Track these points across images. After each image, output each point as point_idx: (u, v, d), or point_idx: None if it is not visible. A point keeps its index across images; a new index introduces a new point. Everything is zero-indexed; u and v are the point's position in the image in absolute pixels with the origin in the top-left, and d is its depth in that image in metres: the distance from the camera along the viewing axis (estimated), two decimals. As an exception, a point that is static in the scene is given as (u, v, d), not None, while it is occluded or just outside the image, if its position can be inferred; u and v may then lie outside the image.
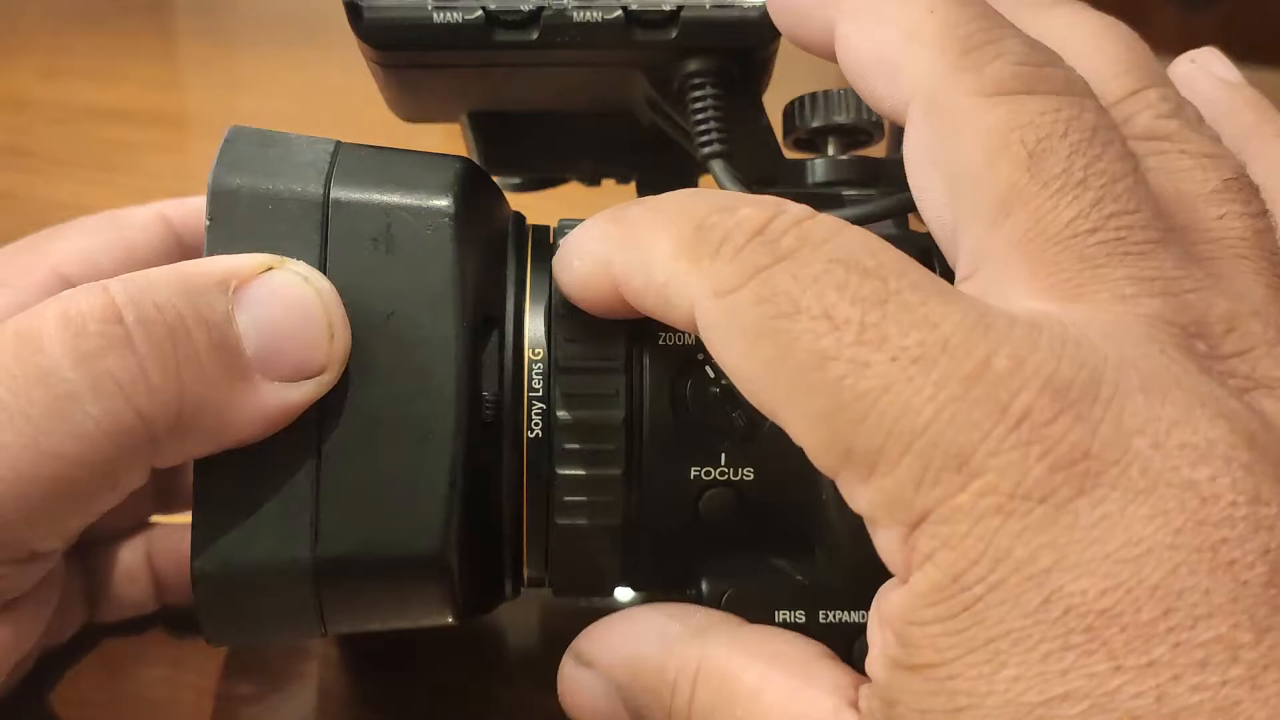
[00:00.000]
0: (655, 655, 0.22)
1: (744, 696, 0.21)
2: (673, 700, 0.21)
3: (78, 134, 0.61)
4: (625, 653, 0.23)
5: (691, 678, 0.21)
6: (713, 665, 0.21)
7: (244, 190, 0.23)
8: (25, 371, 0.21)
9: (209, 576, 0.23)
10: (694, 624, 0.23)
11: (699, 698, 0.21)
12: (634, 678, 0.22)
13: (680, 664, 0.22)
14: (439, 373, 0.23)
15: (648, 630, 0.23)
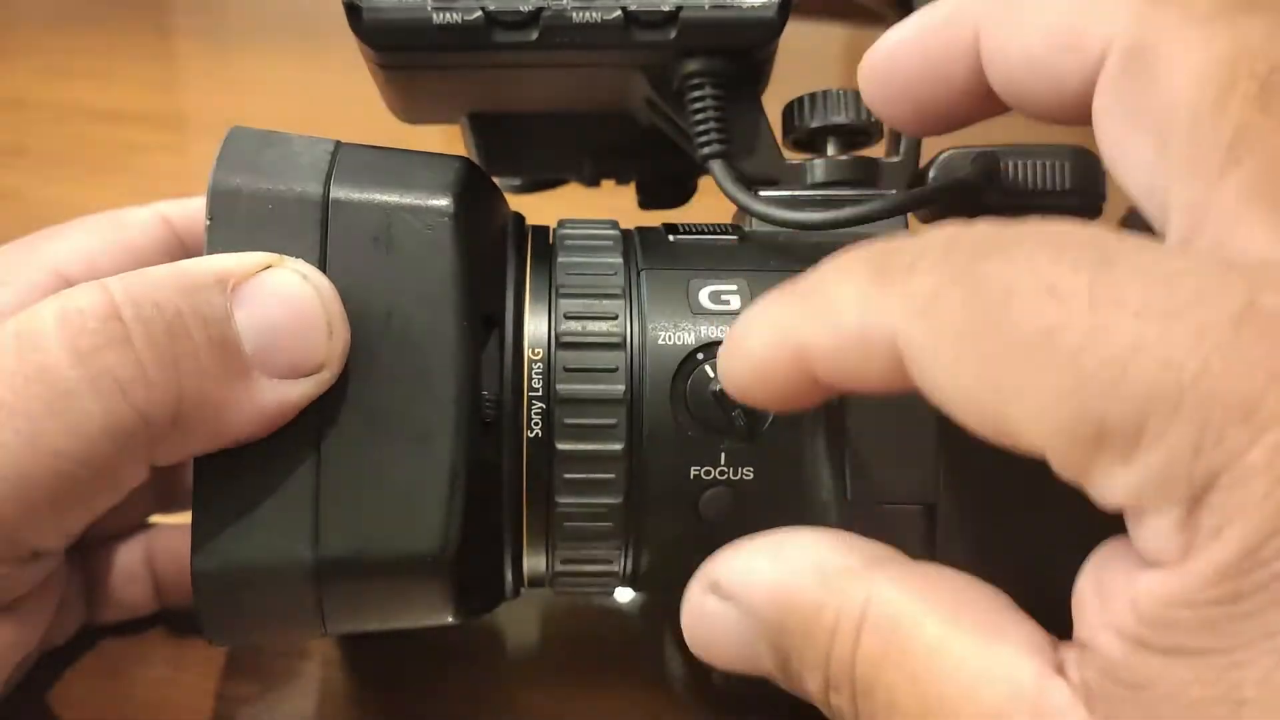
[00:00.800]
0: (811, 592, 0.19)
1: (922, 650, 0.18)
2: (831, 647, 0.19)
3: (77, 134, 0.61)
4: (774, 586, 0.20)
5: (856, 622, 0.19)
6: (883, 609, 0.18)
7: (244, 190, 0.23)
8: (24, 370, 0.21)
9: (209, 576, 0.23)
10: (856, 557, 0.20)
11: (865, 646, 0.18)
12: (783, 616, 0.20)
13: (842, 604, 0.19)
14: (439, 372, 0.23)
15: (801, 561, 0.20)
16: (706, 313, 0.25)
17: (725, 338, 0.21)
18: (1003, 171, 0.27)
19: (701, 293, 0.25)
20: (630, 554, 0.26)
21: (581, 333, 0.25)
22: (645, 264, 0.26)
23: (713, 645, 0.21)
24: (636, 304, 0.25)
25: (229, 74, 0.72)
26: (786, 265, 0.26)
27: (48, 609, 0.27)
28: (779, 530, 0.21)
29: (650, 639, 0.33)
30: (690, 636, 0.22)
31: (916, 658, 0.18)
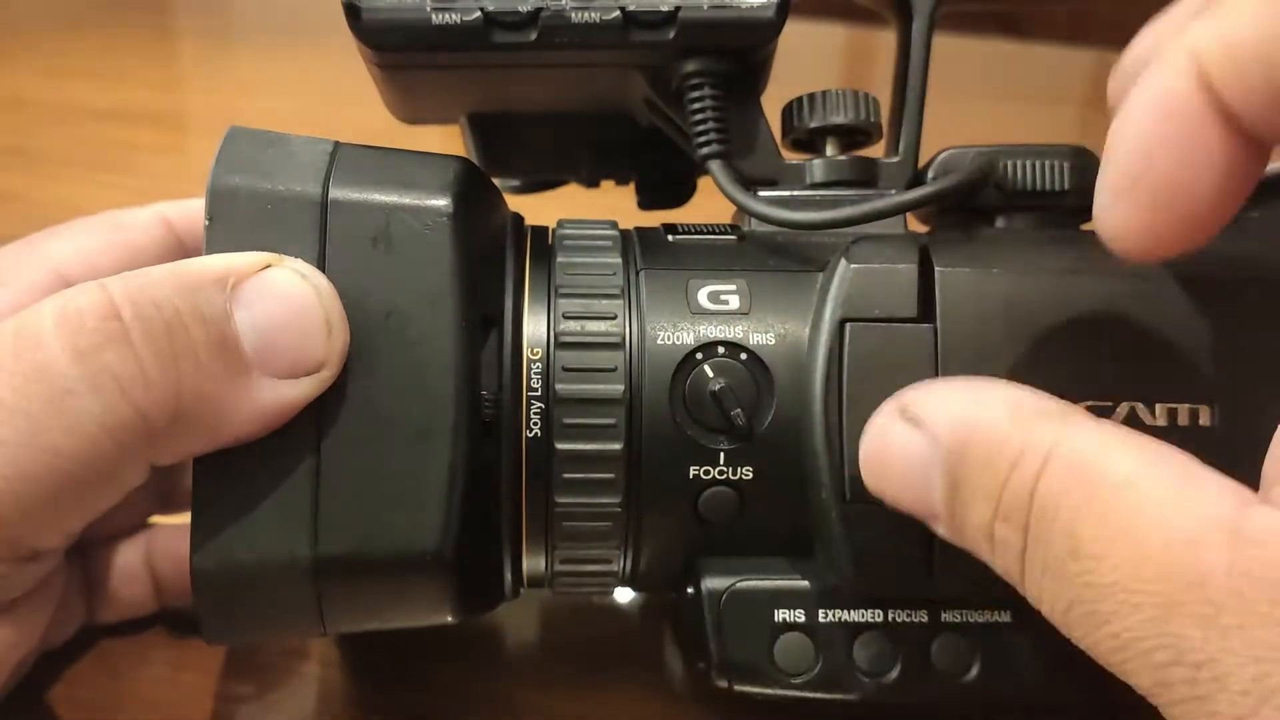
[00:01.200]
0: (1001, 425, 0.19)
1: (1109, 485, 0.18)
2: (1011, 475, 0.19)
3: (78, 134, 0.61)
4: (964, 416, 0.20)
5: (1043, 456, 0.19)
6: (1073, 447, 0.18)
7: (243, 190, 0.23)
8: (23, 369, 0.21)
9: (208, 575, 0.23)
10: (1050, 405, 0.20)
11: (1049, 478, 0.18)
12: (968, 445, 0.20)
13: (1030, 439, 0.19)
14: (437, 371, 0.23)
15: (994, 398, 0.20)
16: (705, 313, 0.25)
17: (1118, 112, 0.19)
18: (1002, 171, 0.27)
19: (700, 293, 0.25)
20: (629, 554, 0.26)
21: (580, 333, 0.25)
22: (644, 264, 0.26)
23: (888, 471, 0.21)
24: (635, 304, 0.25)
25: (229, 74, 0.72)
26: (785, 265, 0.26)
27: (47, 609, 0.27)
28: (973, 377, 0.21)
29: (650, 639, 0.33)
30: (866, 463, 0.22)
31: (1103, 491, 0.18)
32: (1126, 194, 0.19)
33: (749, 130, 0.28)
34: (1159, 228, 0.19)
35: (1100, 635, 0.18)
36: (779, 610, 0.25)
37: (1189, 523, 0.17)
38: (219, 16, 0.81)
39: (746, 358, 0.25)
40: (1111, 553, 0.17)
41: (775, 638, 0.25)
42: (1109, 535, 0.17)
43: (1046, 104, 0.69)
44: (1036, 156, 0.27)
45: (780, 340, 0.25)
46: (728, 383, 0.24)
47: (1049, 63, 0.74)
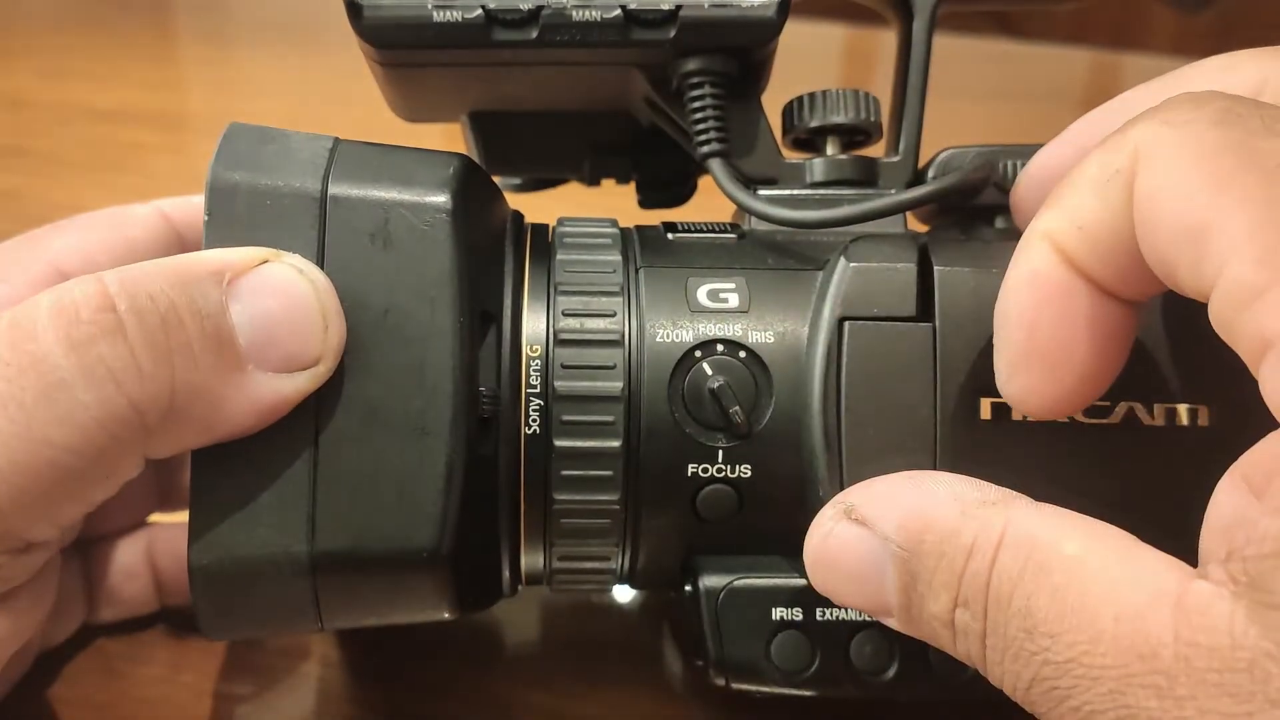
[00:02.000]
0: (950, 519, 0.20)
1: (1061, 564, 0.18)
2: (967, 565, 0.19)
3: (78, 134, 0.61)
4: (913, 513, 0.20)
5: (994, 543, 0.19)
6: (1021, 531, 0.19)
7: (242, 186, 0.23)
8: (18, 359, 0.21)
9: (205, 570, 0.23)
10: (992, 493, 0.20)
11: (1002, 562, 0.19)
12: (920, 541, 0.20)
13: (980, 528, 0.19)
14: (436, 368, 0.23)
15: (939, 492, 0.21)
16: (705, 311, 0.25)
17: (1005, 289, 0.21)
18: (1001, 171, 0.27)
19: (700, 291, 0.25)
20: (628, 551, 0.26)
21: (580, 330, 0.25)
22: (644, 262, 0.26)
23: (836, 571, 0.22)
24: (635, 302, 0.25)
25: (229, 74, 0.72)
26: (785, 263, 0.26)
27: (43, 603, 0.27)
28: (912, 472, 0.22)
29: (649, 637, 0.33)
30: (814, 564, 0.22)
31: (1055, 570, 0.18)
32: (1020, 368, 0.21)
33: (749, 129, 0.28)
34: (1056, 391, 0.21)
35: (1062, 710, 0.18)
36: (776, 608, 0.25)
37: (1137, 596, 0.17)
38: (219, 16, 0.81)
39: (745, 356, 0.25)
40: (1066, 630, 0.18)
41: (773, 636, 0.25)
42: (1062, 612, 0.18)
43: (1046, 104, 0.69)
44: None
45: (779, 339, 0.25)
46: (726, 381, 0.24)
47: (1049, 63, 0.74)
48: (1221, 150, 0.17)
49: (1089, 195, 0.20)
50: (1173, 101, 0.19)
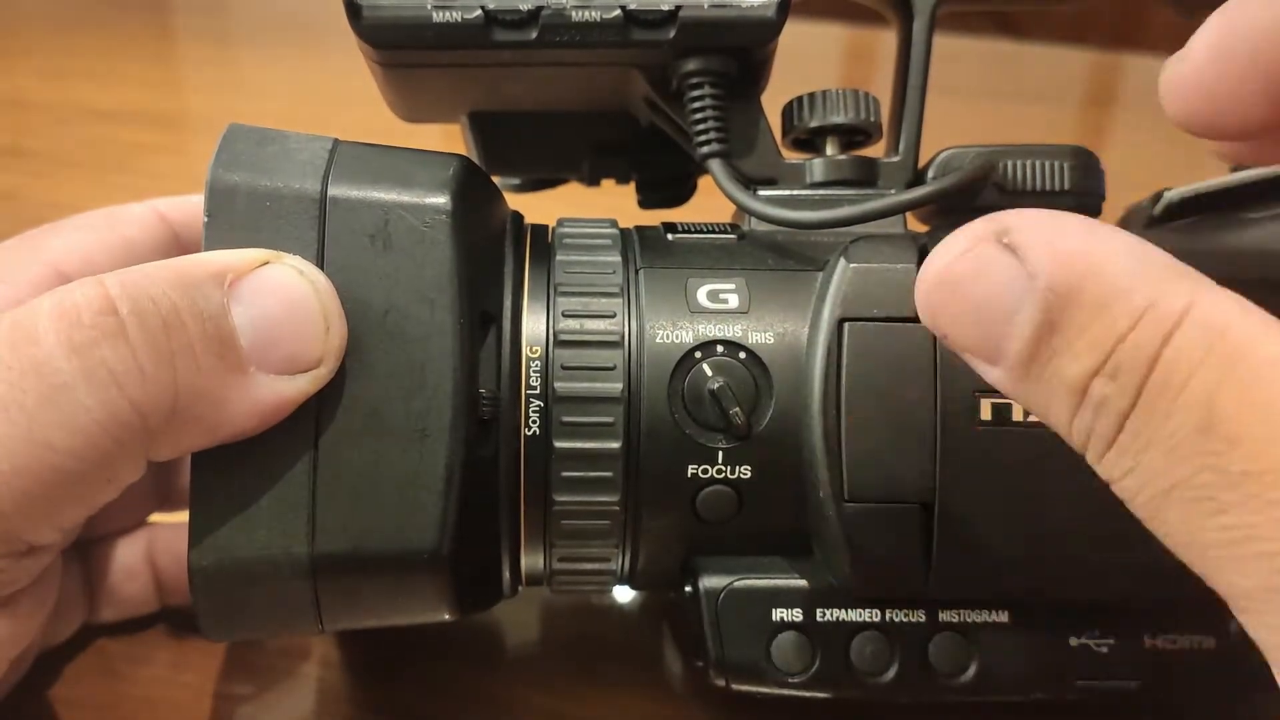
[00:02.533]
0: (1127, 273, 0.17)
1: (1260, 363, 0.16)
2: (1133, 331, 0.16)
3: (78, 134, 0.61)
4: (1081, 254, 0.17)
5: (1174, 317, 0.16)
6: (1212, 312, 0.16)
7: (242, 187, 0.23)
8: (20, 363, 0.21)
9: (206, 571, 0.23)
10: (1182, 265, 0.17)
11: (1183, 341, 0.16)
12: (1079, 288, 0.17)
13: (1161, 296, 0.16)
14: (436, 369, 0.23)
15: (1117, 243, 0.17)
16: (705, 311, 0.25)
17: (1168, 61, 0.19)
18: (1001, 171, 0.27)
19: (700, 291, 0.25)
20: (628, 552, 0.26)
21: (579, 331, 0.25)
22: (644, 263, 0.26)
23: (958, 297, 0.18)
24: (635, 302, 0.25)
25: (229, 74, 0.72)
26: (785, 264, 0.26)
27: (45, 605, 0.27)
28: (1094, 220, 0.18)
29: (649, 638, 0.33)
30: (932, 284, 0.19)
31: (1250, 368, 0.16)
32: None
33: (749, 129, 0.28)
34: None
35: (1209, 525, 0.16)
36: (777, 609, 0.25)
37: None
38: (219, 16, 0.81)
39: (745, 357, 0.25)
40: (1252, 437, 0.15)
41: (773, 637, 0.25)
42: (1253, 418, 0.15)
43: (1046, 104, 0.69)
44: (1036, 156, 0.27)
45: (779, 339, 0.25)
46: (726, 382, 0.24)
47: (1049, 63, 0.74)
48: None
49: None
50: None
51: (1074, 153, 0.27)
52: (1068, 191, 0.27)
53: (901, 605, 0.25)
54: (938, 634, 0.25)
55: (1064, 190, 0.27)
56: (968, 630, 0.25)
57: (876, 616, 0.25)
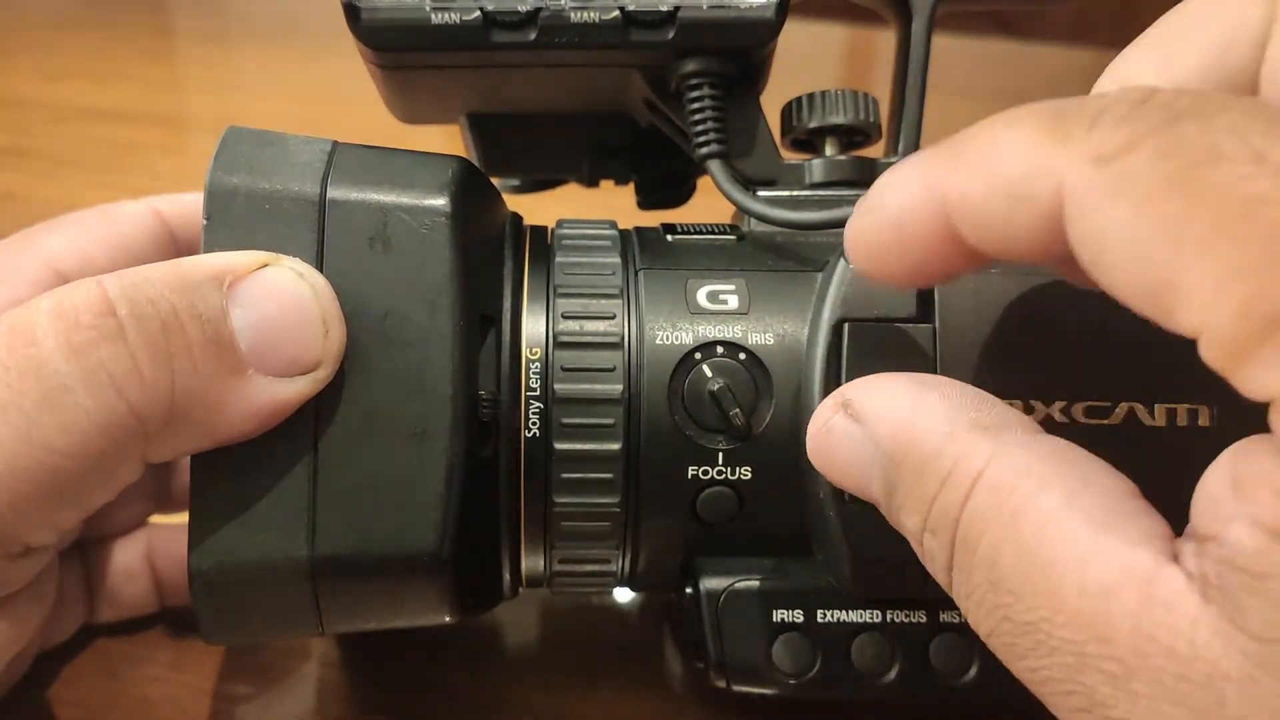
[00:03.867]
0: (937, 436, 0.19)
1: (1034, 519, 0.17)
2: (940, 494, 0.18)
3: (78, 134, 0.61)
4: (903, 422, 0.19)
5: (972, 477, 0.18)
6: (1003, 469, 0.18)
7: (241, 190, 0.23)
8: (18, 364, 0.21)
9: (205, 574, 0.23)
10: (989, 417, 0.19)
11: (975, 502, 0.18)
12: (904, 454, 0.19)
13: (961, 457, 0.18)
14: (435, 371, 0.23)
15: (934, 405, 0.19)
16: (704, 312, 0.25)
17: (857, 204, 0.20)
18: None
19: (699, 292, 0.25)
20: (628, 554, 0.26)
21: (579, 332, 0.25)
22: (643, 264, 0.26)
23: (831, 460, 0.21)
24: (634, 304, 0.25)
25: (229, 74, 0.72)
26: (784, 265, 0.26)
27: (43, 606, 0.27)
28: (923, 374, 0.21)
29: (650, 639, 0.33)
30: (812, 448, 0.21)
31: (1027, 524, 0.17)
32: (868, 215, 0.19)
33: (748, 130, 0.28)
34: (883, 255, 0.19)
35: (1019, 666, 0.18)
36: (777, 610, 0.25)
37: (1105, 571, 0.16)
38: (218, 16, 0.81)
39: (745, 358, 0.25)
40: (1029, 593, 0.17)
41: (774, 638, 0.25)
42: (1028, 573, 0.17)
43: (1046, 104, 0.69)
44: None
45: (779, 340, 0.25)
46: (726, 383, 0.24)
47: (1049, 63, 0.74)
48: (1166, 192, 0.15)
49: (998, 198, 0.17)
50: (1100, 125, 0.16)
51: None
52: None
53: (902, 606, 0.25)
54: (939, 634, 0.25)
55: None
56: (969, 631, 0.25)
57: (877, 617, 0.25)
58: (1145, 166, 0.15)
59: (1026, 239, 0.17)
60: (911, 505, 0.19)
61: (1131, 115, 0.16)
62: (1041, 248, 0.17)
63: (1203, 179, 0.15)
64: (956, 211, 0.18)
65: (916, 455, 0.19)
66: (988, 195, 0.17)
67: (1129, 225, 0.16)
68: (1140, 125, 0.16)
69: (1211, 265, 0.15)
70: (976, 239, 0.18)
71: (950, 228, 0.18)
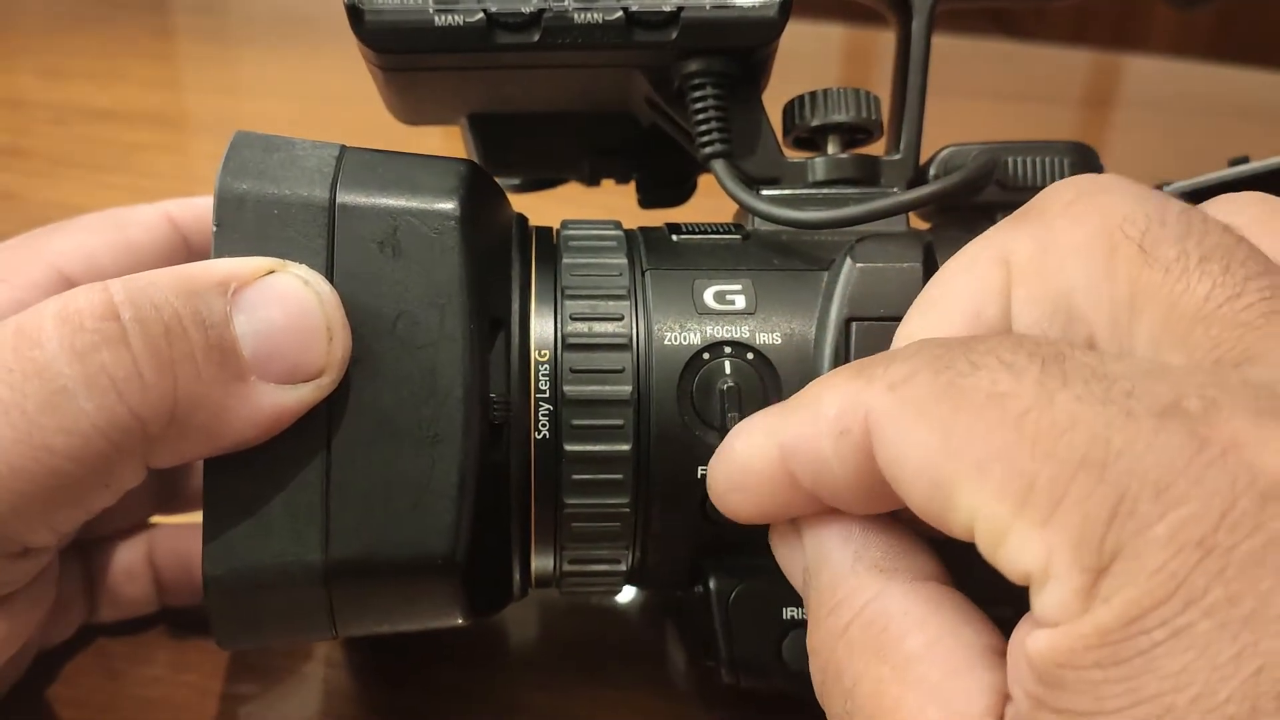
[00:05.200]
0: (841, 568, 0.20)
1: (897, 657, 0.19)
2: (825, 620, 0.20)
3: (78, 134, 0.61)
4: (822, 548, 0.21)
5: (855, 611, 0.20)
6: (881, 609, 0.19)
7: (250, 195, 0.23)
8: (22, 366, 0.21)
9: (220, 580, 0.23)
10: (893, 560, 0.20)
11: (851, 633, 0.19)
12: (817, 574, 0.21)
13: (852, 591, 0.20)
14: (447, 375, 0.23)
15: (852, 540, 0.21)
16: (712, 312, 0.25)
17: (717, 454, 0.22)
18: (1004, 168, 0.27)
19: (707, 292, 0.25)
20: (637, 554, 0.26)
21: (588, 334, 0.25)
22: (650, 264, 0.26)
23: (783, 566, 0.22)
24: (642, 304, 0.25)
25: (229, 74, 0.72)
26: (790, 264, 0.26)
27: (42, 605, 0.27)
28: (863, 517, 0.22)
29: (651, 638, 0.33)
30: (774, 547, 0.23)
31: (889, 662, 0.19)
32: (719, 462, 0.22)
33: (751, 129, 0.28)
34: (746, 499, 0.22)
35: None
36: (787, 608, 0.25)
37: (942, 716, 0.18)
38: (218, 16, 0.81)
39: (753, 357, 0.25)
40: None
41: (784, 635, 0.25)
42: (878, 709, 0.18)
43: (1046, 104, 0.69)
44: (1036, 153, 0.27)
45: (787, 340, 0.25)
46: (735, 383, 0.24)
47: (1049, 63, 0.74)
48: (938, 399, 0.18)
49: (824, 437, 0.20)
50: (893, 362, 0.19)
51: (1073, 149, 0.27)
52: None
53: None
54: None
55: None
56: None
57: None
58: (924, 384, 0.18)
59: (852, 472, 0.19)
60: (811, 621, 0.21)
61: (917, 351, 0.19)
62: (865, 489, 0.19)
63: (964, 385, 0.17)
64: (792, 458, 0.20)
65: (826, 580, 0.20)
66: (815, 435, 0.20)
67: (912, 433, 0.18)
68: (922, 356, 0.19)
69: (969, 456, 0.17)
70: (811, 483, 0.20)
71: (789, 473, 0.20)
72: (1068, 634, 0.16)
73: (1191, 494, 0.15)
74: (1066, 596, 0.16)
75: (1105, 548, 0.15)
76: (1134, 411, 0.16)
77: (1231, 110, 0.67)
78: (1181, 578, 0.15)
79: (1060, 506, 0.16)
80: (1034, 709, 0.16)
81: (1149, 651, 0.15)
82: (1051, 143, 0.27)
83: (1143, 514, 0.15)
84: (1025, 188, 0.27)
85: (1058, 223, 0.20)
